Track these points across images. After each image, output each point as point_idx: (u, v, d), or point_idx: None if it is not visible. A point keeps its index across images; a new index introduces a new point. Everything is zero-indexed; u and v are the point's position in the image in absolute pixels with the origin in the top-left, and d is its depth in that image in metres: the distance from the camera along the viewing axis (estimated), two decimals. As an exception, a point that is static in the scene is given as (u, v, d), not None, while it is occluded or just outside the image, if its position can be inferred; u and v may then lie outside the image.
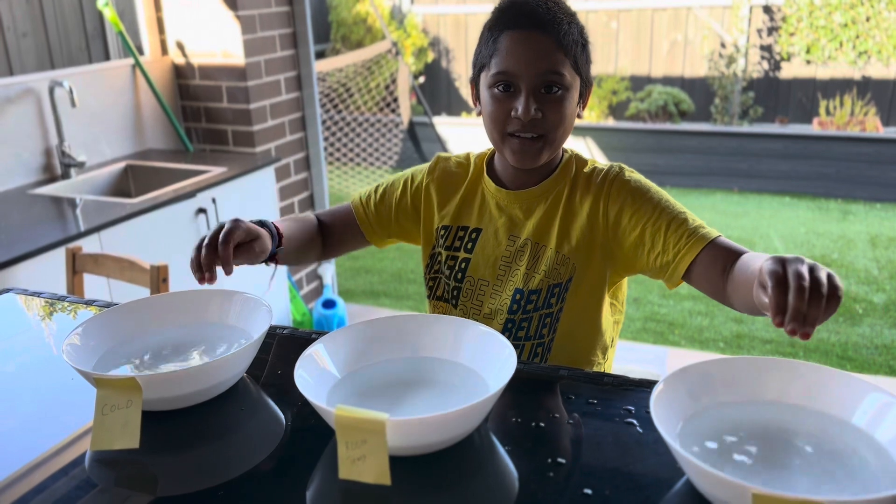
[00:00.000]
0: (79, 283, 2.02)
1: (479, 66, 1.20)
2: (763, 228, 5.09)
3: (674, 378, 0.86)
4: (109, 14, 2.99)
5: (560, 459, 0.85)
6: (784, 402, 0.87)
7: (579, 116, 1.21)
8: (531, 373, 1.05)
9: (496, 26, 1.16)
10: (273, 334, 1.17)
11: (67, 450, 0.92)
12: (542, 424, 0.93)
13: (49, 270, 2.10)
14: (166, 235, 2.53)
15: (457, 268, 1.28)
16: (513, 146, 1.16)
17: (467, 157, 1.33)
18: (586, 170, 1.24)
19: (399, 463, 0.82)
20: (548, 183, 1.23)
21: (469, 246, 1.27)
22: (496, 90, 1.15)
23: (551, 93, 1.13)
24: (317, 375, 0.94)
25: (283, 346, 1.16)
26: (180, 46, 3.25)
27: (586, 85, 1.20)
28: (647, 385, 0.99)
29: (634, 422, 0.91)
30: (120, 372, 1.02)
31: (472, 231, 1.28)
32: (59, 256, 2.11)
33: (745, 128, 6.34)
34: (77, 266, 2.00)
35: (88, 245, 2.20)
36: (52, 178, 2.78)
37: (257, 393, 1.03)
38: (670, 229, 1.12)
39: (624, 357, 3.29)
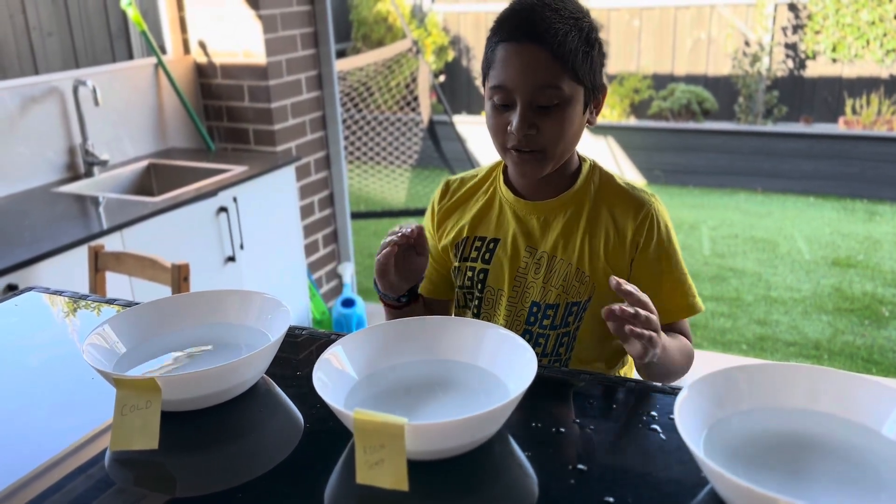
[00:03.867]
0: (101, 281, 2.03)
1: (483, 73, 1.18)
2: (787, 229, 5.03)
3: (699, 384, 0.84)
4: (132, 13, 3.02)
5: (581, 466, 0.84)
6: (812, 410, 0.85)
7: (590, 123, 1.17)
8: (552, 377, 1.04)
9: (494, 36, 1.13)
10: (292, 335, 1.17)
11: (86, 448, 0.92)
12: (563, 430, 0.91)
13: (72, 268, 2.12)
14: (188, 234, 2.54)
15: (476, 279, 1.26)
16: (513, 159, 1.14)
17: (479, 170, 1.31)
18: (615, 186, 1.21)
19: (417, 467, 0.81)
20: (568, 195, 1.20)
21: (487, 256, 1.25)
22: (494, 101, 1.12)
23: (548, 107, 1.08)
24: (335, 378, 0.94)
25: (302, 347, 1.15)
26: (202, 46, 3.27)
27: (595, 91, 1.14)
28: (671, 391, 0.97)
29: (657, 428, 0.90)
30: (140, 372, 1.02)
31: (490, 241, 1.25)
32: (81, 254, 2.13)
33: (770, 127, 6.26)
34: (99, 264, 2.02)
35: (110, 243, 2.22)
36: (75, 177, 2.81)
37: (276, 394, 1.03)
38: (664, 290, 1.18)
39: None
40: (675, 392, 0.97)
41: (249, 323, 1.11)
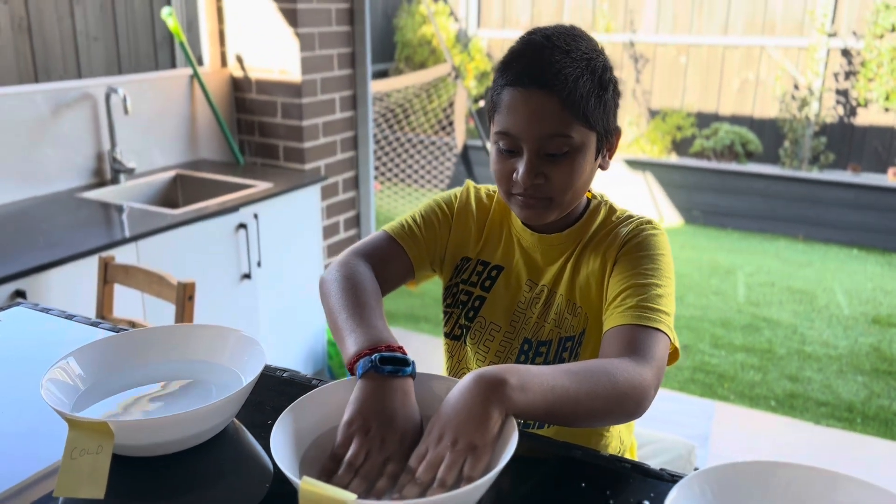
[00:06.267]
0: (108, 293, 2.00)
1: (488, 115, 1.10)
2: (827, 281, 4.84)
3: (693, 481, 0.75)
4: (172, 23, 3.03)
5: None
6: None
7: (603, 167, 1.10)
8: (536, 450, 0.95)
9: (500, 78, 1.04)
10: (272, 376, 1.11)
11: (33, 489, 0.87)
12: (544, 513, 0.83)
13: (82, 278, 2.10)
14: (205, 248, 2.51)
15: (469, 304, 1.20)
16: (518, 203, 1.08)
17: (496, 189, 1.21)
18: (614, 217, 1.15)
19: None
20: (572, 231, 1.14)
21: (487, 284, 1.19)
22: (500, 146, 1.05)
23: (557, 155, 1.02)
24: (292, 437, 0.86)
25: (280, 392, 1.08)
26: (239, 59, 3.27)
27: (608, 135, 1.07)
28: (670, 478, 0.88)
29: (649, 521, 0.81)
30: (100, 411, 0.96)
31: (493, 268, 1.19)
32: (93, 264, 2.10)
33: (815, 174, 6.07)
34: (108, 276, 1.99)
35: (125, 254, 2.19)
36: (101, 183, 2.81)
37: (245, 443, 0.96)
38: (625, 293, 1.03)
39: (668, 409, 3.11)
40: (674, 479, 0.87)
41: (223, 362, 1.04)
